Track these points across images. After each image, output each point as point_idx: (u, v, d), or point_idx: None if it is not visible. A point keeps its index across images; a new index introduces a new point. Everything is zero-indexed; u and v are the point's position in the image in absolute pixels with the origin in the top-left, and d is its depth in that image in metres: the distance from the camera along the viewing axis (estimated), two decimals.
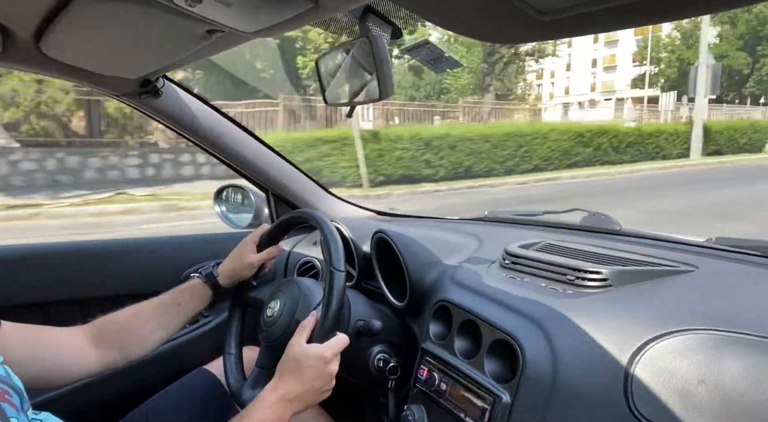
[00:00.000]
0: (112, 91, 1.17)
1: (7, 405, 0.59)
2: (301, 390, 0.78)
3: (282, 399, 0.77)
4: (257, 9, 0.67)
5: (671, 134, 14.55)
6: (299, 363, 0.79)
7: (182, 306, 0.98)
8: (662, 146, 14.36)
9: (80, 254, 1.35)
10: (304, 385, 0.78)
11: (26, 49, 0.87)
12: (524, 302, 0.80)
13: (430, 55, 0.85)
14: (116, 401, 1.07)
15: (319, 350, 0.80)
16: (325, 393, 0.82)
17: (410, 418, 0.86)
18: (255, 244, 1.04)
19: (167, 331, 0.96)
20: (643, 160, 13.67)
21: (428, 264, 1.03)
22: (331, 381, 0.82)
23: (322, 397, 0.82)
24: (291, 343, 0.82)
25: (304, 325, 0.83)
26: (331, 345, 0.81)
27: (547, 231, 1.20)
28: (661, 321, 0.67)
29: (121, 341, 0.91)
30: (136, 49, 0.90)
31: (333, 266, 0.85)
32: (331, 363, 0.81)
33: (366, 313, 0.98)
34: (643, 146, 13.90)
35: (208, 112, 1.32)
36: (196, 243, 1.52)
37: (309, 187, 1.54)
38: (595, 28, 0.53)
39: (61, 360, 0.84)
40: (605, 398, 0.65)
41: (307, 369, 0.79)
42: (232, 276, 1.02)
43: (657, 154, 14.25)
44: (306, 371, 0.79)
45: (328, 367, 0.80)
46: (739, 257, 0.87)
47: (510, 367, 0.75)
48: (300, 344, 0.81)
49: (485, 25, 0.58)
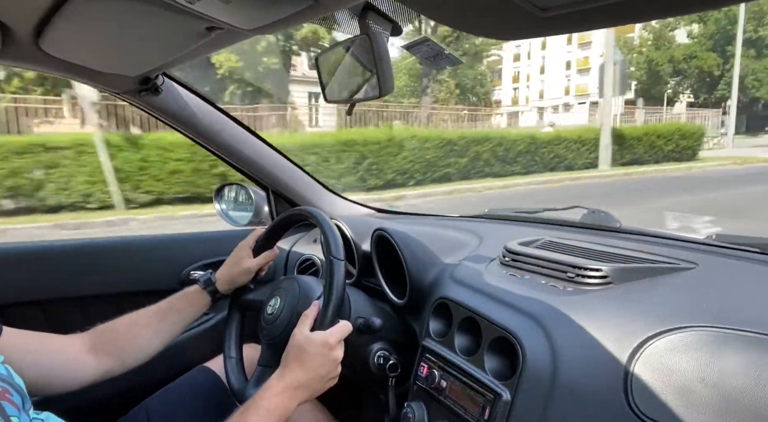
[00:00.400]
0: (111, 89, 1.17)
1: (8, 404, 0.59)
2: (307, 378, 0.78)
3: (288, 388, 0.77)
4: (257, 6, 0.67)
5: (574, 142, 12.15)
6: (303, 351, 0.79)
7: (180, 313, 0.97)
8: (562, 155, 12.04)
9: (81, 252, 1.35)
10: (309, 372, 0.78)
11: (26, 46, 0.87)
12: (524, 299, 0.80)
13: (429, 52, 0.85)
14: (117, 399, 1.07)
15: (322, 336, 0.80)
16: (331, 381, 0.82)
17: (410, 415, 0.86)
18: (251, 249, 1.03)
19: (165, 338, 0.96)
20: (539, 172, 11.47)
21: (428, 261, 1.03)
22: (337, 368, 0.81)
23: (329, 384, 0.82)
24: (294, 333, 0.81)
25: (307, 315, 0.83)
26: (335, 332, 0.81)
27: (547, 228, 1.20)
28: (661, 319, 0.67)
29: (119, 349, 0.90)
30: (136, 46, 0.90)
31: (332, 255, 0.85)
32: (335, 349, 0.80)
33: (366, 311, 0.98)
34: (539, 156, 11.64)
35: (209, 109, 1.32)
36: (196, 241, 1.52)
37: (309, 185, 1.54)
38: (596, 23, 0.52)
39: (60, 368, 0.84)
40: (605, 395, 0.65)
41: (312, 356, 0.78)
42: (229, 283, 1.02)
43: (558, 165, 11.98)
44: (310, 358, 0.78)
45: (332, 353, 0.80)
46: (739, 254, 0.87)
47: (510, 364, 0.76)
48: (303, 332, 0.80)
49: (486, 21, 0.57)
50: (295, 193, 1.51)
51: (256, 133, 1.42)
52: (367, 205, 1.65)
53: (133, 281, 1.36)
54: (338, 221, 1.23)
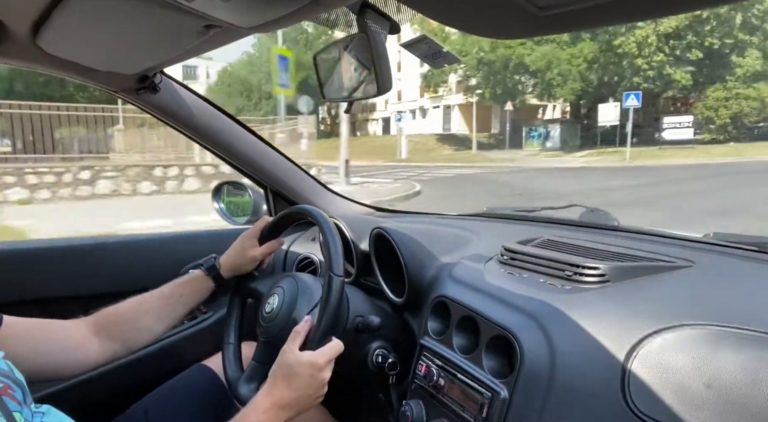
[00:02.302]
0: (109, 87, 1.17)
1: (10, 399, 0.60)
2: (294, 396, 0.79)
3: (275, 406, 0.78)
4: (255, 4, 0.67)
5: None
6: (292, 370, 0.79)
7: (184, 298, 0.98)
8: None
9: (80, 251, 1.34)
10: (296, 392, 0.79)
11: (23, 44, 0.87)
12: (522, 298, 0.80)
13: (428, 50, 0.85)
14: (116, 396, 1.07)
15: (311, 357, 0.80)
16: (317, 400, 0.82)
17: (408, 414, 0.87)
18: (256, 238, 1.04)
19: (168, 322, 0.97)
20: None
21: (427, 260, 1.03)
22: (323, 388, 0.82)
23: (315, 403, 0.82)
24: (284, 350, 0.81)
25: (298, 331, 0.83)
26: (324, 352, 0.81)
27: (545, 227, 1.20)
28: (659, 316, 0.67)
29: (123, 332, 0.91)
30: (134, 44, 0.90)
31: (332, 271, 0.85)
32: (323, 370, 0.80)
33: (364, 309, 0.98)
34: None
35: (207, 108, 1.31)
36: (194, 239, 1.52)
37: (307, 184, 1.54)
38: (594, 22, 0.53)
39: (66, 353, 0.84)
40: (603, 393, 0.65)
41: (299, 376, 0.79)
42: (233, 270, 1.02)
43: None
44: (298, 378, 0.79)
45: (320, 374, 0.80)
46: (736, 252, 0.87)
47: (508, 363, 0.76)
48: (293, 351, 0.80)
49: (484, 21, 0.58)
50: (294, 191, 1.51)
51: (254, 132, 1.42)
52: (365, 204, 1.65)
53: (132, 280, 1.36)
54: (337, 220, 1.23)
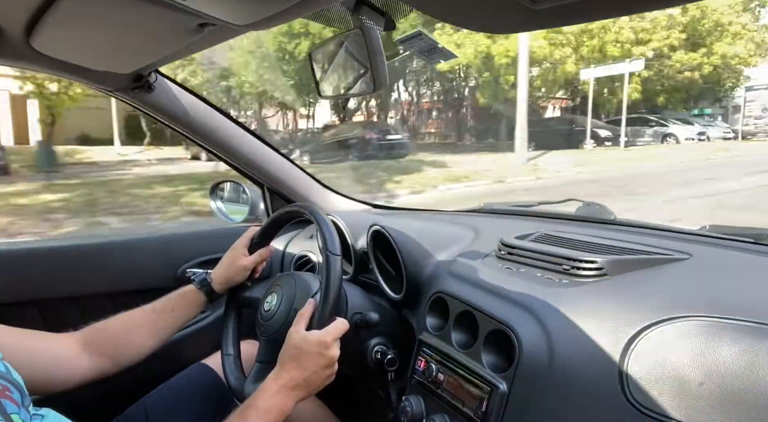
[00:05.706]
0: (104, 87, 1.17)
1: (8, 401, 0.59)
2: (304, 377, 0.78)
3: (285, 387, 0.77)
4: (249, 2, 0.66)
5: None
6: (300, 351, 0.79)
7: (175, 313, 0.97)
8: None
9: (78, 252, 1.34)
10: (306, 372, 0.79)
11: (16, 45, 0.86)
12: (520, 292, 0.80)
13: (423, 46, 0.85)
14: (116, 396, 1.07)
15: (319, 336, 0.80)
16: (328, 379, 0.82)
17: (408, 409, 0.87)
18: (246, 247, 1.03)
19: (159, 338, 0.95)
20: None
21: (424, 256, 1.03)
22: (333, 366, 0.82)
23: (326, 383, 0.82)
24: (290, 332, 0.82)
25: (303, 313, 0.84)
26: (330, 331, 0.81)
27: (542, 221, 1.20)
28: (656, 309, 0.68)
29: (113, 348, 0.90)
30: (128, 43, 0.89)
31: (329, 251, 0.85)
32: (331, 347, 0.81)
33: (363, 306, 0.98)
34: None
35: (202, 106, 1.31)
36: (192, 238, 1.52)
37: (304, 181, 1.54)
38: (587, 16, 0.53)
39: (55, 367, 0.83)
40: (601, 385, 0.66)
41: (308, 355, 0.79)
42: (225, 282, 1.02)
43: None
44: (307, 357, 0.79)
45: (329, 352, 0.80)
46: (733, 244, 0.87)
47: (507, 357, 0.76)
48: (299, 331, 0.81)
49: (478, 15, 0.58)
50: (290, 189, 1.51)
51: (250, 130, 1.42)
52: (362, 201, 1.65)
53: (129, 279, 1.36)
54: (334, 217, 1.23)
